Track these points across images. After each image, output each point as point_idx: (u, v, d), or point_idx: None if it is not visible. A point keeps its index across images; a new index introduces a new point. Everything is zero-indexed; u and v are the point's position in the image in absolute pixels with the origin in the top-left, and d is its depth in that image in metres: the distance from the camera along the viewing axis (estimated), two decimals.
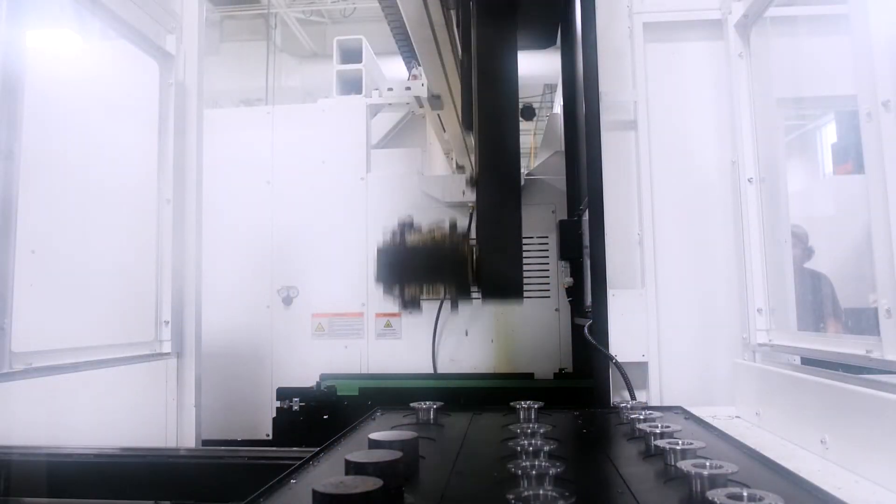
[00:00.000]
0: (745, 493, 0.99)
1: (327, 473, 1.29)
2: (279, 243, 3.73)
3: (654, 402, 2.40)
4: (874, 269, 1.43)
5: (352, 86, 3.95)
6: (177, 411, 2.61)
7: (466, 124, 2.75)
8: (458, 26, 3.08)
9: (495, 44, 1.99)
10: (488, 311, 3.57)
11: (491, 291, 2.07)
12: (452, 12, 3.05)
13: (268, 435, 3.49)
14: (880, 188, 1.40)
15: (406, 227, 2.08)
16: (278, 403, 3.19)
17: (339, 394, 3.16)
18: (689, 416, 1.92)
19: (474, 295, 2.01)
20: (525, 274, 3.56)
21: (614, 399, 2.33)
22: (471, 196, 3.51)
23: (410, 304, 2.02)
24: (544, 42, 2.67)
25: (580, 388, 2.91)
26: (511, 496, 1.02)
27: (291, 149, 3.81)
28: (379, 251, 2.04)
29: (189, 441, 2.61)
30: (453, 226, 2.00)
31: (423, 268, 2.00)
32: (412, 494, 1.18)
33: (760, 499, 0.98)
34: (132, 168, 2.69)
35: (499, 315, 3.57)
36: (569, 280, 3.39)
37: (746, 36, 2.31)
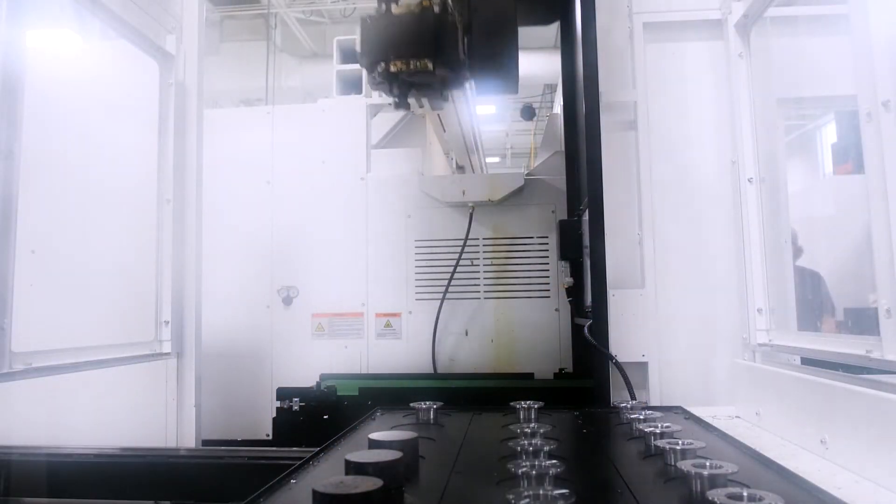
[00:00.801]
0: (745, 493, 0.99)
1: (327, 473, 1.29)
2: (279, 243, 3.73)
3: (654, 402, 2.40)
4: (874, 269, 1.43)
5: (352, 86, 3.95)
6: (177, 411, 2.61)
7: None
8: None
9: None
10: (488, 311, 3.57)
11: (482, 75, 1.89)
12: None
13: (268, 435, 3.49)
14: (880, 188, 1.40)
15: None
16: (278, 403, 3.18)
17: (339, 394, 3.15)
18: (689, 416, 1.92)
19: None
20: (525, 274, 3.58)
21: (614, 399, 2.33)
22: (470, 196, 3.52)
23: (397, 89, 1.83)
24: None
25: (580, 388, 2.91)
26: (511, 496, 1.02)
27: (291, 149, 3.81)
28: (363, 21, 1.88)
29: (189, 441, 2.61)
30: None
31: (410, 37, 1.81)
32: (412, 494, 1.18)
33: (760, 499, 0.98)
34: (132, 168, 2.69)
35: (499, 315, 3.56)
36: (569, 280, 3.39)
37: (746, 36, 2.31)
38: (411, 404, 1.92)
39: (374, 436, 1.38)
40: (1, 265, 1.84)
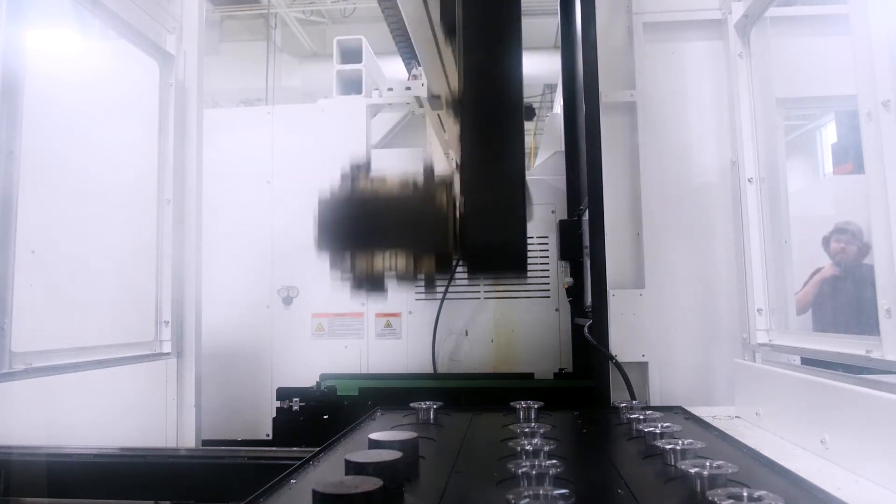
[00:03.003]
0: (745, 493, 0.99)
1: (327, 473, 1.29)
2: (279, 243, 3.73)
3: (654, 402, 2.40)
4: (874, 269, 1.43)
5: (352, 86, 3.94)
6: (177, 411, 2.61)
7: (447, 26, 2.05)
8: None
9: None
10: (488, 311, 3.57)
11: (480, 261, 1.36)
12: None
13: (268, 435, 3.49)
14: (880, 188, 1.40)
15: (362, 169, 1.43)
16: (278, 403, 3.18)
17: (339, 394, 3.15)
18: (689, 416, 1.92)
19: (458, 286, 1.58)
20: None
21: (614, 399, 2.33)
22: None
23: (368, 284, 1.40)
24: None
25: (580, 388, 2.91)
26: (511, 496, 1.02)
27: (291, 149, 3.80)
28: (321, 204, 1.41)
29: (189, 441, 2.61)
30: (429, 171, 1.37)
31: (384, 229, 1.37)
32: (412, 494, 1.18)
33: (760, 499, 0.98)
34: (132, 168, 2.69)
35: (499, 315, 3.56)
36: (569, 280, 3.39)
37: (746, 36, 2.31)
38: (411, 404, 1.92)
39: (374, 436, 1.38)
40: (1, 265, 1.84)
